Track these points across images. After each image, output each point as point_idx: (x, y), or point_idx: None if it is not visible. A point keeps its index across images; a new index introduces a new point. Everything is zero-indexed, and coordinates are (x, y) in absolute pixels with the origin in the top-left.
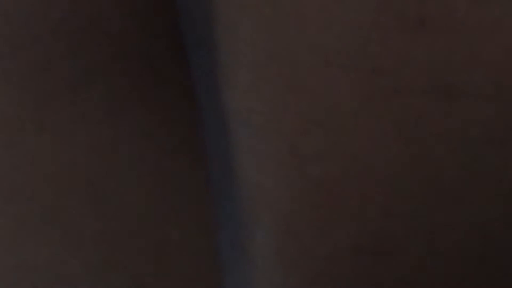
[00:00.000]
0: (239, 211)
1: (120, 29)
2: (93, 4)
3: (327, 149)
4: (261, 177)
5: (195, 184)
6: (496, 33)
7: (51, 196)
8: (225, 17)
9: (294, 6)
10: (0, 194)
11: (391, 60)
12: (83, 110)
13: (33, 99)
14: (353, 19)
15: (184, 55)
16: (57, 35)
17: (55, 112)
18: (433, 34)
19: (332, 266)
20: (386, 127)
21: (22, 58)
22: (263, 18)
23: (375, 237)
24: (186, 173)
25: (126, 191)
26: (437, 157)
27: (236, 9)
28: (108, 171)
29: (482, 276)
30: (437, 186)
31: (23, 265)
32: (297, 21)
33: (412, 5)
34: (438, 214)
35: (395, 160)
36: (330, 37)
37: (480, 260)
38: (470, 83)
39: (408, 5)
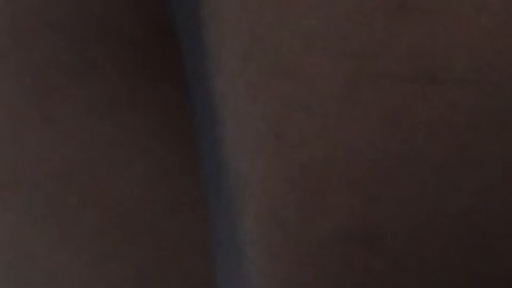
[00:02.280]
0: (227, 199)
1: (120, 23)
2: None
3: (311, 135)
4: (246, 164)
5: (193, 178)
6: (478, 17)
7: (53, 189)
8: (210, 0)
9: None
10: (3, 187)
11: (374, 45)
12: (85, 104)
13: (36, 92)
14: (336, 3)
15: (178, 45)
16: (59, 29)
17: (58, 106)
18: (415, 18)
19: (320, 252)
20: (370, 112)
21: (25, 51)
22: (246, 0)
23: (362, 223)
24: (184, 166)
25: (127, 185)
26: (422, 142)
27: None
28: (109, 165)
29: (471, 262)
30: (422, 171)
31: (24, 258)
32: (279, 4)
33: None
34: (425, 200)
35: (380, 145)
36: (313, 21)
37: (468, 246)
38: (454, 68)
39: None
